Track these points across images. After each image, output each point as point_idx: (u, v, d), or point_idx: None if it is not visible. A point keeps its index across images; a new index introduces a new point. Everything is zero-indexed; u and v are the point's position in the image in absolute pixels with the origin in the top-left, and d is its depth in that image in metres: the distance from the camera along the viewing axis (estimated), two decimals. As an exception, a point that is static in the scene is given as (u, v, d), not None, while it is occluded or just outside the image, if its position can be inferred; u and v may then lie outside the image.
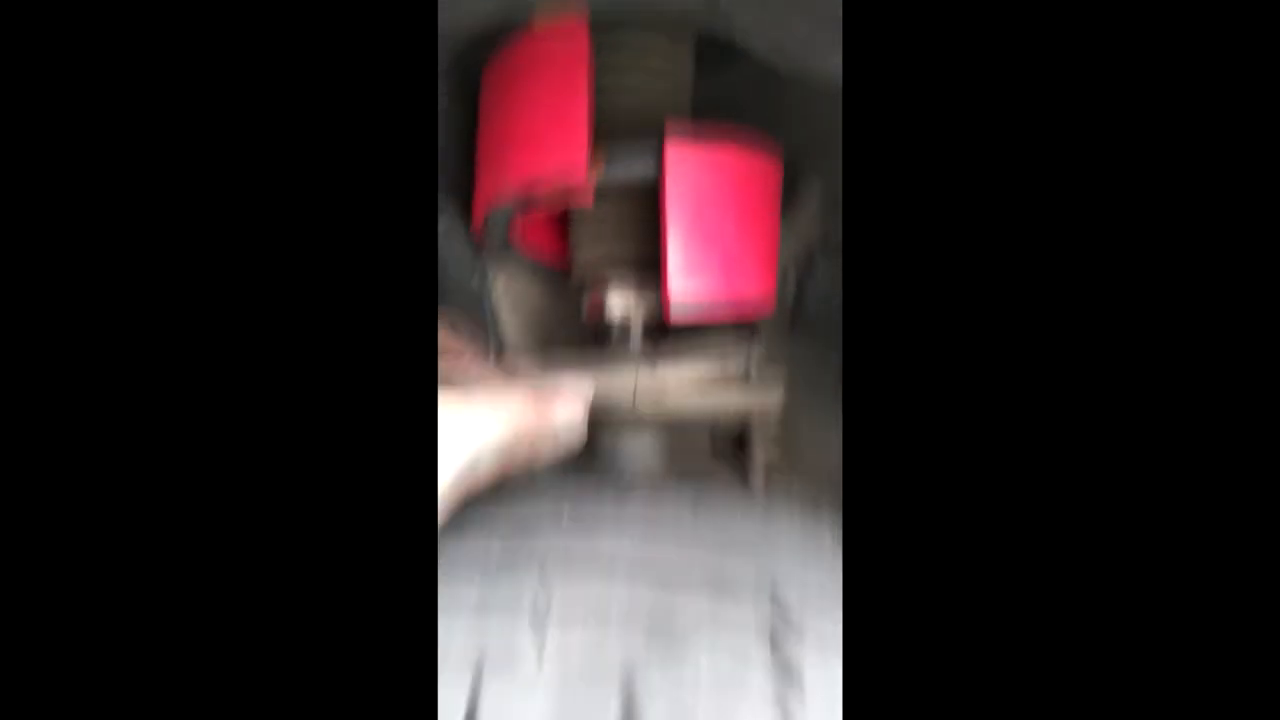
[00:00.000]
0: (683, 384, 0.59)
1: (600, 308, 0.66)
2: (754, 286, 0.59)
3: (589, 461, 0.65)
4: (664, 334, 0.66)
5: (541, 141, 0.56)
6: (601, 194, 0.59)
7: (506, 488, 0.66)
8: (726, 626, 0.32)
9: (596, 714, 0.27)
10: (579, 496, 0.47)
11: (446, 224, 0.73)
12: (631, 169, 0.56)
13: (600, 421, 0.58)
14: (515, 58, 0.59)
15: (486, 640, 0.31)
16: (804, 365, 0.86)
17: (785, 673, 0.30)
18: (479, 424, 0.36)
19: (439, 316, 0.66)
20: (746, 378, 0.63)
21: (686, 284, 0.56)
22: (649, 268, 0.62)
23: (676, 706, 0.28)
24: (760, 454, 0.77)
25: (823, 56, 0.60)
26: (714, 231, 0.57)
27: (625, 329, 0.65)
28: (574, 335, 0.80)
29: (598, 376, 0.57)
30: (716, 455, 0.84)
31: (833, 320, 0.84)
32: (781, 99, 0.70)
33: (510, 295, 0.81)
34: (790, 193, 0.77)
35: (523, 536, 0.40)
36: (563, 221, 0.74)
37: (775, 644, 0.31)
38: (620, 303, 0.65)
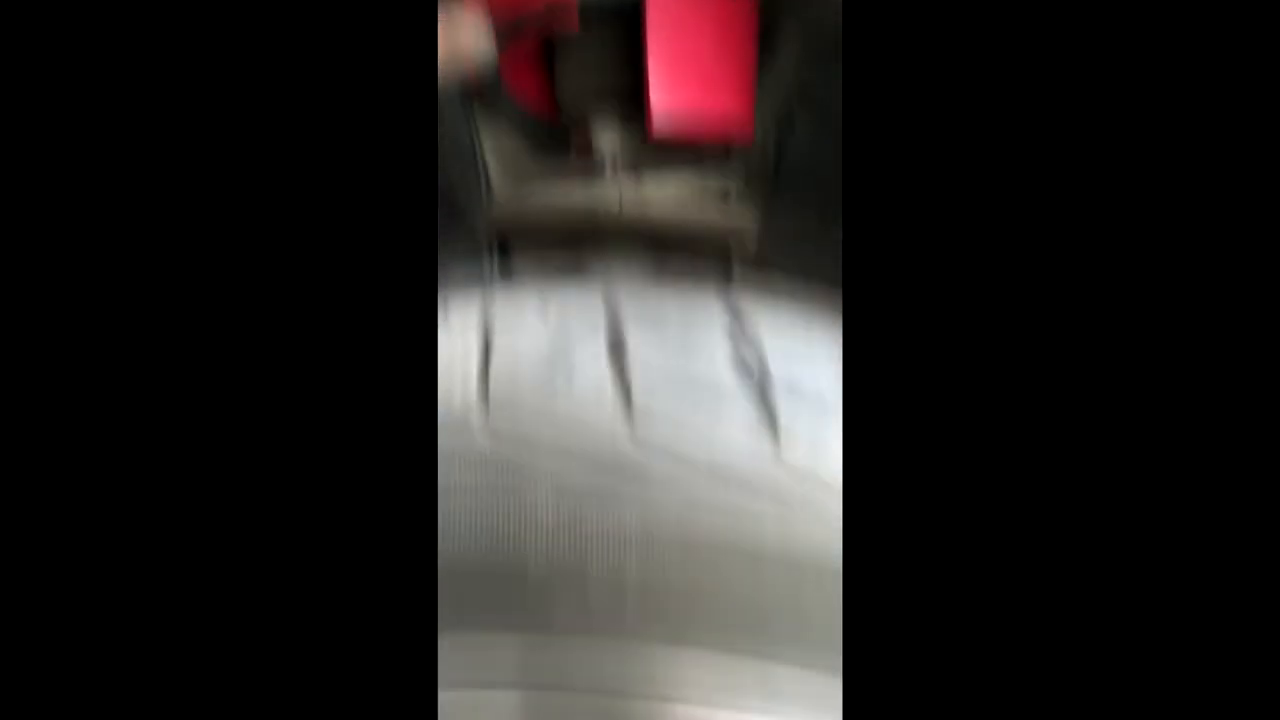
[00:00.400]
0: (666, 196, 0.63)
1: (588, 144, 0.70)
2: (732, 103, 0.63)
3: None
4: (649, 164, 0.70)
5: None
6: (585, 20, 0.63)
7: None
8: (696, 306, 0.37)
9: (589, 337, 0.33)
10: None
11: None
12: None
13: (586, 235, 0.62)
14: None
15: (494, 316, 0.36)
16: (783, 221, 0.90)
17: (737, 315, 0.35)
18: None
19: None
20: (726, 197, 0.67)
21: (668, 94, 0.60)
22: (633, 97, 0.66)
23: (654, 328, 0.33)
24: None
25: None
26: (694, 45, 0.60)
27: (613, 164, 0.69)
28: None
29: (584, 188, 0.61)
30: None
31: (814, 174, 0.88)
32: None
33: (500, 151, 0.85)
34: (769, 43, 0.80)
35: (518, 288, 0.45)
36: (548, 66, 0.77)
37: (734, 308, 0.37)
38: (607, 136, 0.69)
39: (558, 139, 0.75)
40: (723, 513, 0.28)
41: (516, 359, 0.32)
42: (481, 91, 0.73)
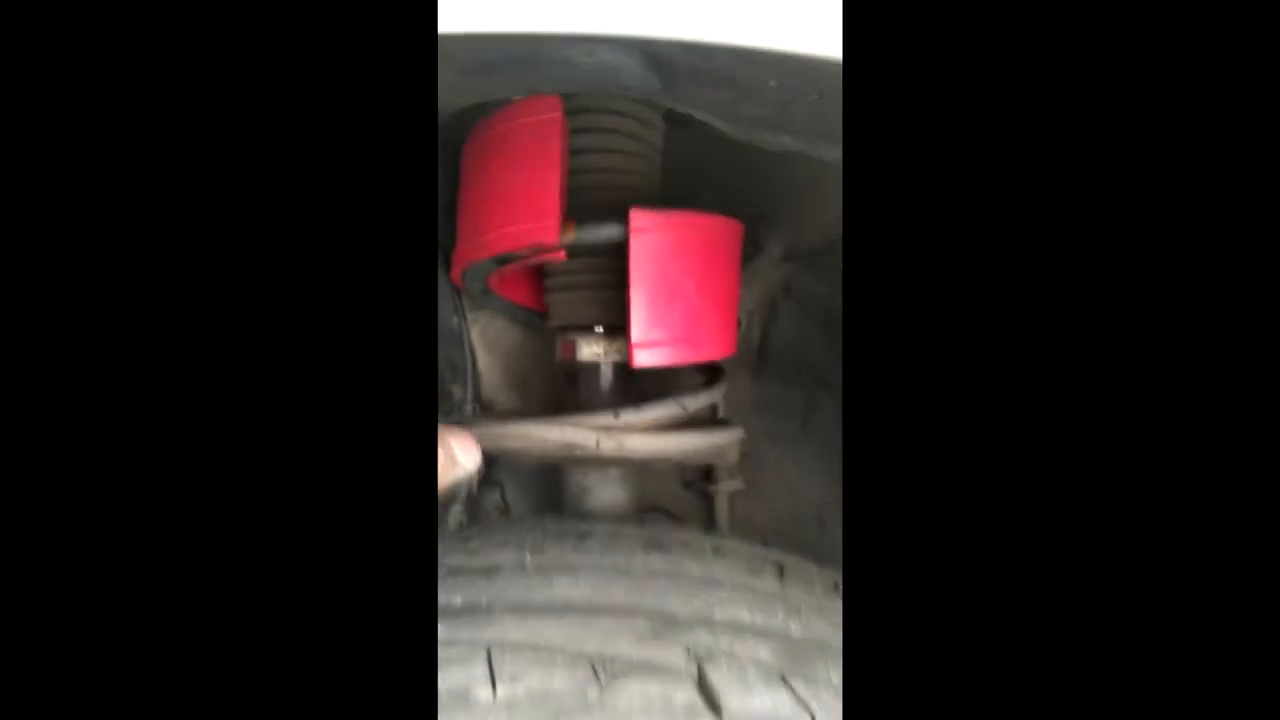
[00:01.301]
0: (646, 428, 0.65)
1: (572, 349, 0.71)
2: (714, 341, 0.65)
3: (559, 498, 0.70)
4: (632, 375, 0.71)
5: (516, 210, 0.61)
6: (573, 252, 0.65)
7: (483, 525, 0.71)
8: (658, 669, 0.38)
9: None
10: (543, 541, 0.53)
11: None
12: (600, 233, 0.61)
13: (569, 462, 0.64)
14: (495, 129, 0.64)
15: (445, 684, 0.36)
16: (769, 401, 0.92)
17: (709, 696, 0.36)
18: None
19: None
20: (711, 418, 0.68)
21: (649, 338, 0.61)
22: (618, 321, 0.68)
23: None
24: (724, 485, 0.82)
25: (774, 133, 0.65)
26: (675, 292, 0.62)
27: (595, 369, 0.71)
28: (548, 374, 0.86)
29: (565, 421, 0.63)
30: (686, 485, 0.89)
31: (796, 359, 0.90)
32: (746, 157, 0.76)
33: (487, 336, 0.87)
34: (753, 242, 0.83)
35: (486, 585, 0.45)
36: (538, 270, 0.79)
37: (701, 675, 0.37)
38: (590, 349, 0.71)
39: (546, 338, 0.77)
40: None
41: None
42: (473, 294, 0.75)
